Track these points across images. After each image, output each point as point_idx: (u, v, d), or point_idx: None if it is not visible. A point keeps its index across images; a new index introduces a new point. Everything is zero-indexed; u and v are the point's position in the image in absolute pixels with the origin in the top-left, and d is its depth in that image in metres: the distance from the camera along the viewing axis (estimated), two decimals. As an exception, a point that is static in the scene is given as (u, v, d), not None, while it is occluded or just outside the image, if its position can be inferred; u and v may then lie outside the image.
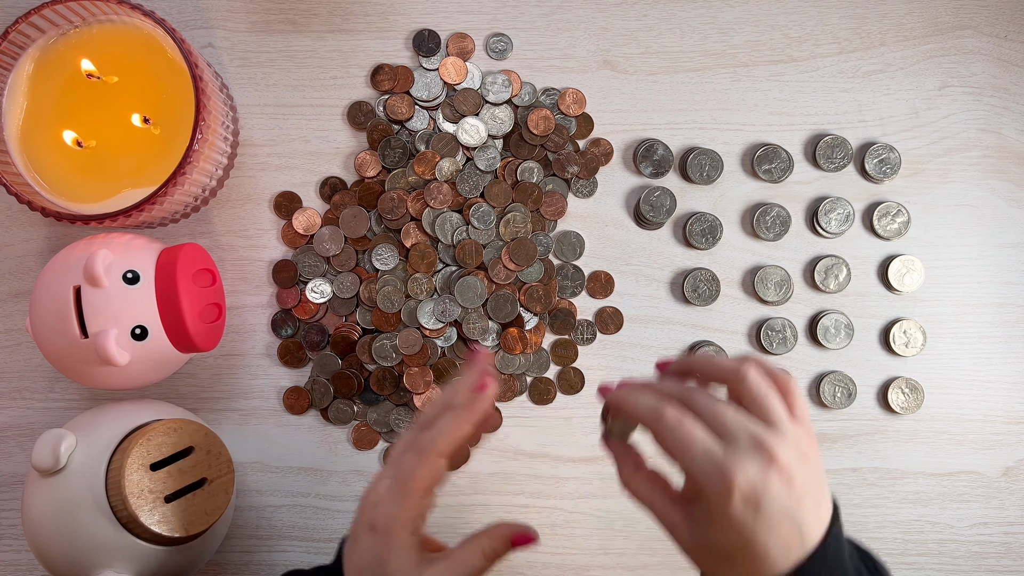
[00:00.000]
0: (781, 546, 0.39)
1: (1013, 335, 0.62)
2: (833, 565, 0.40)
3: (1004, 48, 0.63)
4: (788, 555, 0.39)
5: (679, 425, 0.40)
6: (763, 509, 0.38)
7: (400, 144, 0.60)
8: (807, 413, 0.42)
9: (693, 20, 0.62)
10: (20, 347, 0.60)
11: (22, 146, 0.54)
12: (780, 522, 0.38)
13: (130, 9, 0.53)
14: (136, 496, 0.48)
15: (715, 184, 0.62)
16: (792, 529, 0.39)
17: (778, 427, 0.40)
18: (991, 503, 0.61)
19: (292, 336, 0.60)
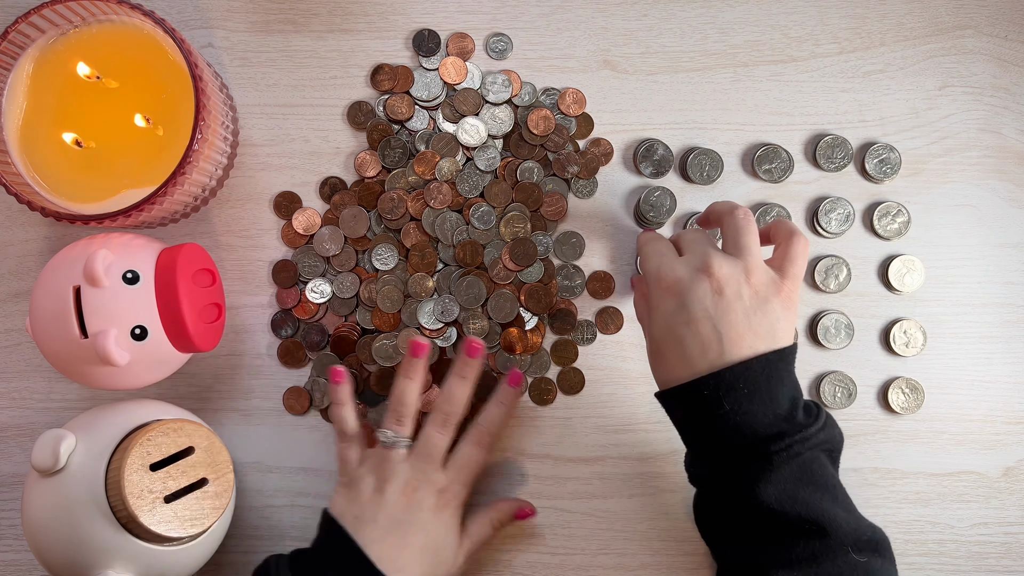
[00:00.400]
0: (698, 345, 0.45)
1: (1013, 335, 0.62)
2: (754, 384, 0.44)
3: (1004, 48, 0.63)
4: (705, 356, 0.45)
5: (653, 242, 0.51)
6: (685, 304, 0.46)
7: (400, 144, 0.60)
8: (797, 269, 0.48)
9: (693, 20, 0.62)
10: (20, 347, 0.60)
11: (22, 146, 0.54)
12: (699, 322, 0.45)
13: (130, 9, 0.53)
14: (136, 496, 0.48)
15: (715, 184, 0.62)
16: (711, 333, 0.45)
17: (742, 255, 0.47)
18: (991, 503, 0.61)
19: (292, 336, 0.60)
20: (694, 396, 0.45)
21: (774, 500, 0.44)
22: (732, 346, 0.45)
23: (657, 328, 0.48)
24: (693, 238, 0.50)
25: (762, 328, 0.46)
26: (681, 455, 0.61)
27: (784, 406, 0.45)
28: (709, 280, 0.46)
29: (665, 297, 0.47)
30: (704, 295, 0.46)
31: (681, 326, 0.46)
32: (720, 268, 0.46)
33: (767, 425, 0.44)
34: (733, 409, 0.44)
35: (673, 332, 0.46)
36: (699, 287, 0.46)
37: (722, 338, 0.45)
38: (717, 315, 0.45)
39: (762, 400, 0.45)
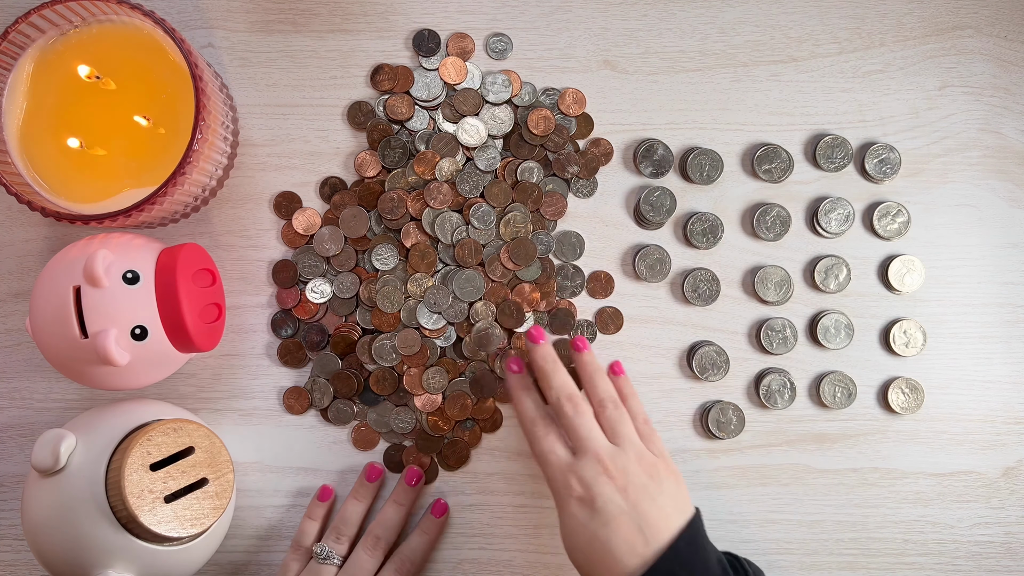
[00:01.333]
0: (624, 544, 0.46)
1: (1013, 335, 0.62)
2: (689, 563, 0.46)
3: (1004, 48, 0.63)
4: (633, 552, 0.46)
5: (544, 439, 0.51)
6: (598, 509, 0.47)
7: (400, 144, 0.60)
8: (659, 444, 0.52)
9: (693, 20, 0.62)
10: (20, 347, 0.60)
11: (22, 146, 0.54)
12: (617, 520, 0.47)
13: (130, 9, 0.53)
14: (136, 496, 0.48)
15: (715, 184, 0.62)
16: (632, 528, 0.46)
17: (623, 445, 0.50)
18: (991, 503, 0.61)
19: (292, 336, 0.60)
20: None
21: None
22: (654, 533, 0.47)
23: (575, 537, 0.48)
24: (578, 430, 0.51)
25: (670, 506, 0.48)
26: (682, 454, 0.61)
27: (718, 573, 0.47)
28: (611, 479, 0.48)
29: (574, 503, 0.48)
30: (612, 494, 0.48)
31: (600, 529, 0.47)
32: (615, 463, 0.49)
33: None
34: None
35: (595, 538, 0.47)
36: (605, 487, 0.48)
37: (643, 529, 0.47)
38: (631, 508, 0.47)
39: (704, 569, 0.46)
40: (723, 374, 0.61)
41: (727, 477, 0.61)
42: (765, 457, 0.61)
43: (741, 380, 0.61)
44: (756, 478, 0.61)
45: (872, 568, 0.61)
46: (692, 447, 0.61)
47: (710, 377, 0.60)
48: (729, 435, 0.60)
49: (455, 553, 0.60)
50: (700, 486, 0.61)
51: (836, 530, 0.61)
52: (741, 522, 0.61)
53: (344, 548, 0.57)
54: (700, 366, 0.60)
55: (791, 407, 0.61)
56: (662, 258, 0.61)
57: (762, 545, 0.61)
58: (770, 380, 0.60)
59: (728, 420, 0.60)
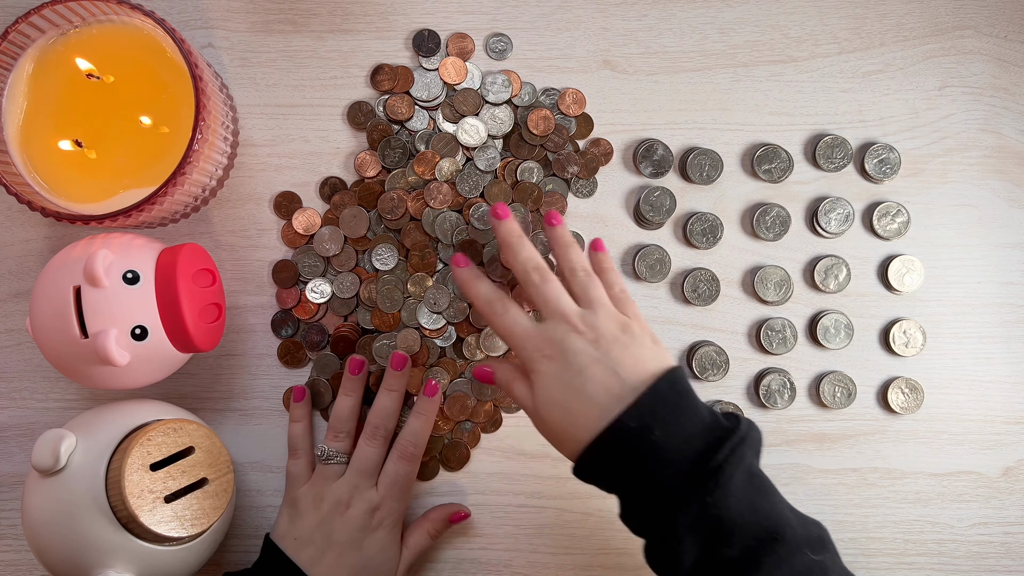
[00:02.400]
0: (598, 387, 0.45)
1: (1013, 335, 0.62)
2: (673, 401, 0.44)
3: (1004, 48, 0.63)
4: (609, 392, 0.45)
5: (504, 314, 0.49)
6: (569, 361, 0.46)
7: (400, 144, 0.60)
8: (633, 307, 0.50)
9: (693, 20, 0.62)
10: (20, 347, 0.60)
11: (22, 146, 0.54)
12: (589, 368, 0.45)
13: (130, 9, 0.53)
14: (136, 496, 0.48)
15: (715, 184, 0.62)
16: (605, 372, 0.45)
17: (593, 306, 0.48)
18: (991, 503, 0.61)
19: (292, 336, 0.60)
20: (620, 438, 0.44)
21: (735, 514, 0.43)
22: (630, 374, 0.45)
23: (549, 392, 0.46)
24: (543, 295, 0.49)
25: (646, 354, 0.47)
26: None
27: (706, 417, 0.45)
28: (581, 334, 0.47)
29: (545, 361, 0.47)
30: (583, 345, 0.46)
31: (574, 378, 0.45)
32: (584, 320, 0.48)
33: (701, 437, 0.44)
34: (664, 433, 0.43)
35: (569, 387, 0.45)
36: (575, 341, 0.46)
37: (618, 371, 0.45)
38: (603, 356, 0.46)
39: (687, 415, 0.44)
40: (723, 374, 0.61)
41: (727, 477, 0.61)
42: (765, 457, 0.60)
43: (741, 380, 0.61)
44: (756, 478, 0.61)
45: (872, 568, 0.61)
46: (692, 447, 0.61)
47: (710, 377, 0.60)
48: (729, 435, 0.60)
49: (455, 553, 0.60)
50: (700, 486, 0.61)
51: (836, 530, 0.60)
52: (741, 522, 0.61)
53: (345, 444, 0.56)
54: (700, 366, 0.60)
55: (791, 407, 0.61)
56: (662, 258, 0.61)
57: (762, 545, 0.61)
58: (770, 380, 0.60)
59: (728, 420, 0.60)
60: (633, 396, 0.44)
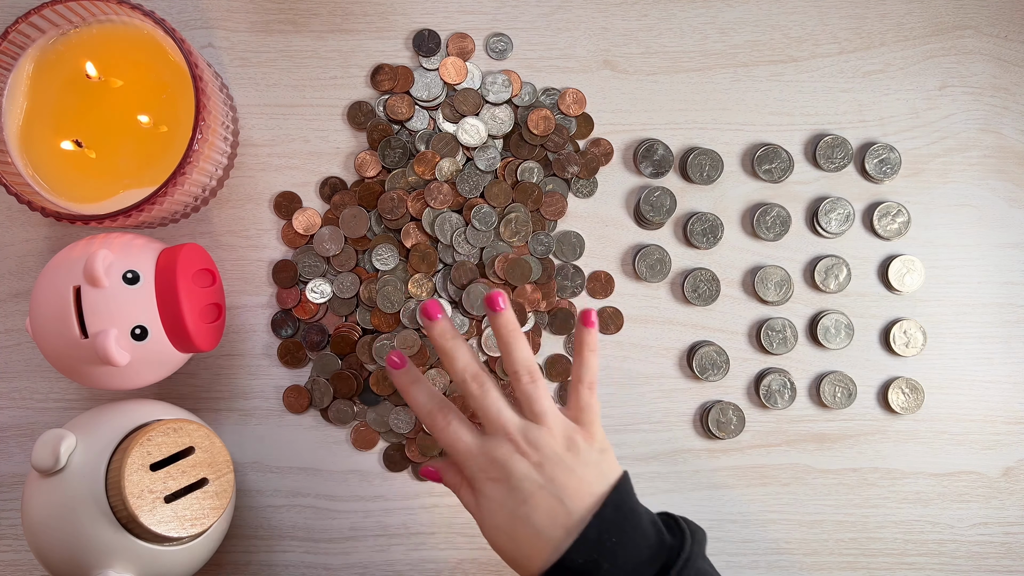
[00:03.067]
0: (545, 518, 0.44)
1: (1013, 335, 0.62)
2: (618, 527, 0.44)
3: (1004, 48, 0.63)
4: (555, 523, 0.44)
5: (446, 428, 0.48)
6: (514, 487, 0.45)
7: (400, 144, 0.60)
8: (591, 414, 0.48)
9: (693, 20, 0.62)
10: (20, 347, 0.60)
11: (22, 146, 0.54)
12: (535, 496, 0.45)
13: (130, 9, 0.53)
14: (136, 496, 0.48)
15: (715, 184, 0.62)
16: (550, 500, 0.45)
17: (538, 419, 0.47)
18: (991, 503, 0.61)
19: (292, 336, 0.60)
20: (566, 570, 0.44)
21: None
22: (576, 502, 0.45)
23: (495, 518, 0.46)
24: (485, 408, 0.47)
25: (591, 474, 0.46)
26: (682, 454, 0.61)
27: (651, 538, 0.45)
28: (524, 456, 0.46)
29: (489, 484, 0.46)
30: (527, 470, 0.45)
31: (520, 506, 0.45)
32: (527, 438, 0.46)
33: (648, 563, 0.43)
34: (613, 565, 0.43)
35: (515, 515, 0.45)
36: (519, 465, 0.45)
37: (563, 499, 0.45)
38: (547, 482, 0.45)
39: (633, 541, 0.44)
40: (723, 374, 0.61)
41: (727, 477, 0.61)
42: (765, 457, 0.61)
43: (741, 380, 0.61)
44: (756, 478, 0.61)
45: (872, 568, 0.61)
46: (692, 447, 0.61)
47: (710, 377, 0.60)
48: (729, 435, 0.60)
49: (455, 553, 0.60)
50: (700, 486, 0.61)
51: (836, 530, 0.61)
52: (741, 522, 0.61)
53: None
54: (700, 366, 0.60)
55: (791, 407, 0.61)
56: (662, 258, 0.61)
57: (762, 545, 0.61)
58: (770, 380, 0.60)
59: (728, 420, 0.60)
60: (580, 528, 0.44)
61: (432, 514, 0.60)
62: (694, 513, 0.60)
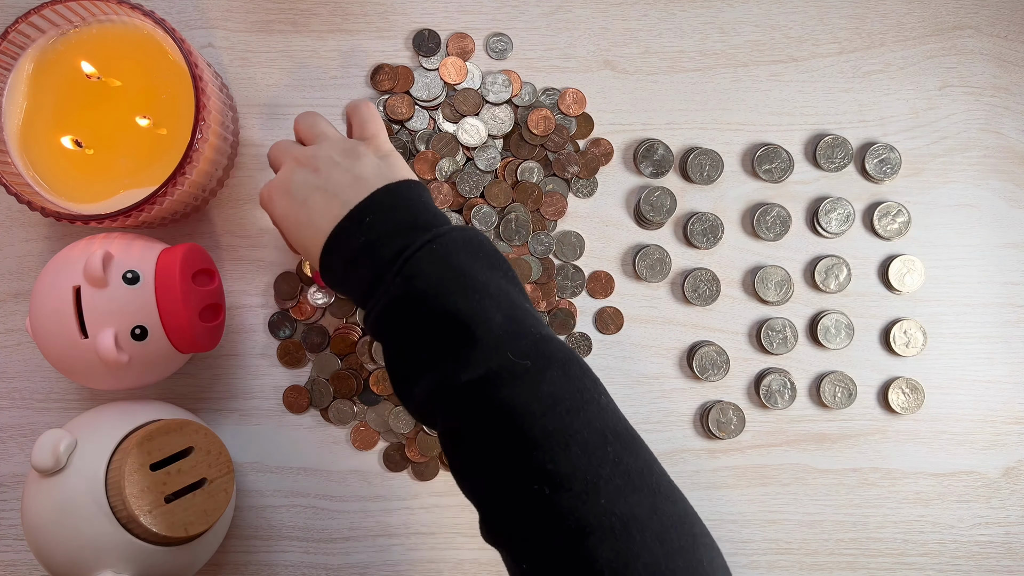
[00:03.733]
0: (321, 213, 0.46)
1: (1014, 335, 0.62)
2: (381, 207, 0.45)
3: (1004, 48, 0.63)
4: (328, 215, 0.45)
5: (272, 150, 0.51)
6: (293, 193, 0.47)
7: (400, 144, 0.60)
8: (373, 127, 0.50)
9: (693, 20, 0.62)
10: (20, 347, 0.60)
11: (22, 146, 0.54)
12: (311, 196, 0.46)
13: (130, 9, 0.53)
14: (136, 496, 0.48)
15: (715, 184, 0.62)
16: (324, 198, 0.46)
17: (318, 140, 0.49)
18: (992, 503, 0.61)
19: (290, 337, 0.60)
20: (334, 247, 0.45)
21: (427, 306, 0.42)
22: (351, 195, 0.45)
23: (287, 229, 0.48)
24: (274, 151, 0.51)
25: (369, 171, 0.47)
26: (682, 454, 0.61)
27: (422, 220, 0.45)
28: (299, 166, 0.48)
29: (276, 201, 0.48)
30: (304, 176, 0.47)
31: (300, 210, 0.47)
32: (303, 152, 0.48)
33: (402, 235, 0.44)
34: (368, 238, 0.44)
35: (299, 220, 0.47)
36: (296, 174, 0.48)
37: (338, 195, 0.46)
38: (323, 182, 0.46)
39: (395, 218, 0.44)
40: (723, 374, 0.61)
41: (727, 477, 0.61)
42: (765, 457, 0.61)
43: (741, 380, 0.61)
44: (756, 478, 0.61)
45: (872, 568, 0.61)
46: (692, 447, 0.61)
47: (710, 377, 0.60)
48: (729, 435, 0.60)
49: (455, 553, 0.60)
50: (700, 486, 0.61)
51: (836, 530, 0.61)
52: (741, 522, 0.61)
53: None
54: (700, 366, 0.60)
55: (791, 407, 0.61)
56: (662, 258, 0.61)
57: (762, 545, 0.61)
58: (770, 380, 0.60)
59: (728, 420, 0.60)
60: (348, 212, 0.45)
61: (432, 514, 0.60)
62: (694, 513, 0.60)
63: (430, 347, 0.42)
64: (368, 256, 0.44)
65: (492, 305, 0.41)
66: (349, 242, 0.45)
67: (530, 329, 0.42)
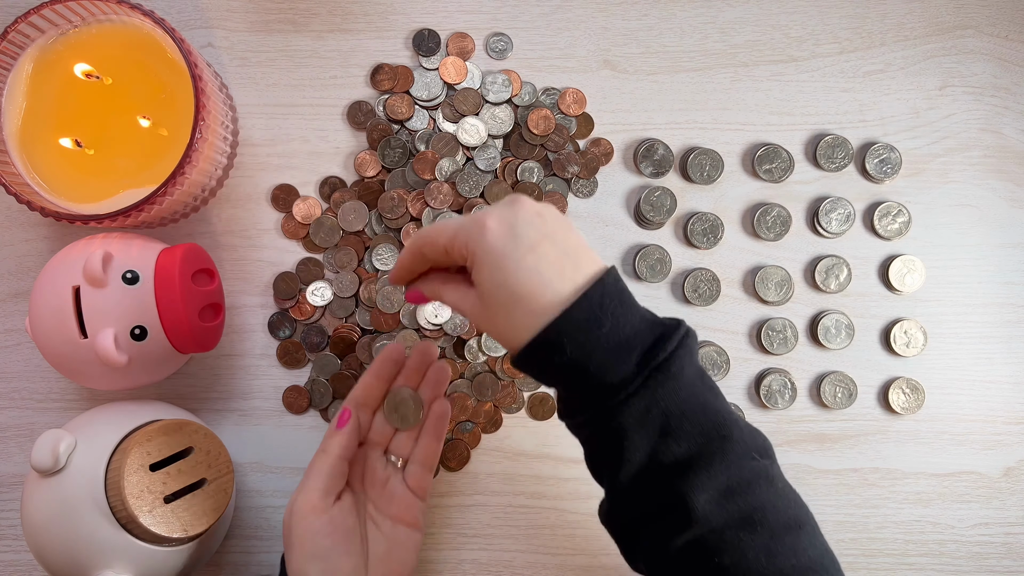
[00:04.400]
0: (552, 268, 0.40)
1: (1014, 335, 0.62)
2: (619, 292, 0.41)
3: (1005, 48, 0.63)
4: (563, 276, 0.40)
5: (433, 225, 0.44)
6: (519, 233, 0.40)
7: (400, 144, 0.60)
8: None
9: (693, 20, 0.62)
10: (20, 347, 0.60)
11: (22, 146, 0.54)
12: (541, 243, 0.40)
13: (130, 9, 0.53)
14: (136, 496, 0.48)
15: (715, 184, 0.62)
16: (555, 251, 0.40)
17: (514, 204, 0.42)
18: (992, 503, 0.61)
19: (290, 337, 0.60)
20: (573, 323, 0.40)
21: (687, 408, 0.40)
22: (581, 260, 0.41)
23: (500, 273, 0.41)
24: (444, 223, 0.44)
25: (583, 243, 0.42)
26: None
27: (648, 314, 0.42)
28: (525, 209, 0.42)
29: (491, 238, 0.41)
30: (532, 220, 0.41)
31: (527, 255, 0.40)
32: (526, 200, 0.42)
33: (649, 331, 0.41)
34: (615, 323, 0.40)
35: (521, 264, 0.40)
36: (522, 211, 0.41)
37: (567, 254, 0.41)
38: (551, 232, 0.41)
39: (632, 310, 0.41)
40: (723, 374, 0.60)
41: (727, 477, 0.61)
42: (765, 457, 0.61)
43: (742, 380, 0.61)
44: (756, 478, 0.61)
45: (873, 568, 0.61)
46: (692, 447, 0.61)
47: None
48: (729, 435, 0.60)
49: (455, 553, 0.60)
50: (700, 486, 0.61)
51: (836, 530, 0.61)
52: (741, 522, 0.61)
53: None
54: (700, 366, 0.60)
55: (791, 407, 0.61)
56: (662, 258, 0.61)
57: (762, 545, 0.61)
58: (771, 380, 0.60)
59: (728, 420, 0.60)
60: (585, 283, 0.40)
61: (432, 514, 0.60)
62: (694, 513, 0.60)
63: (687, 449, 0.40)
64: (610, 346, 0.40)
65: (725, 403, 0.42)
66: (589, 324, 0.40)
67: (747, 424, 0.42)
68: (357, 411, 0.51)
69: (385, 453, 0.52)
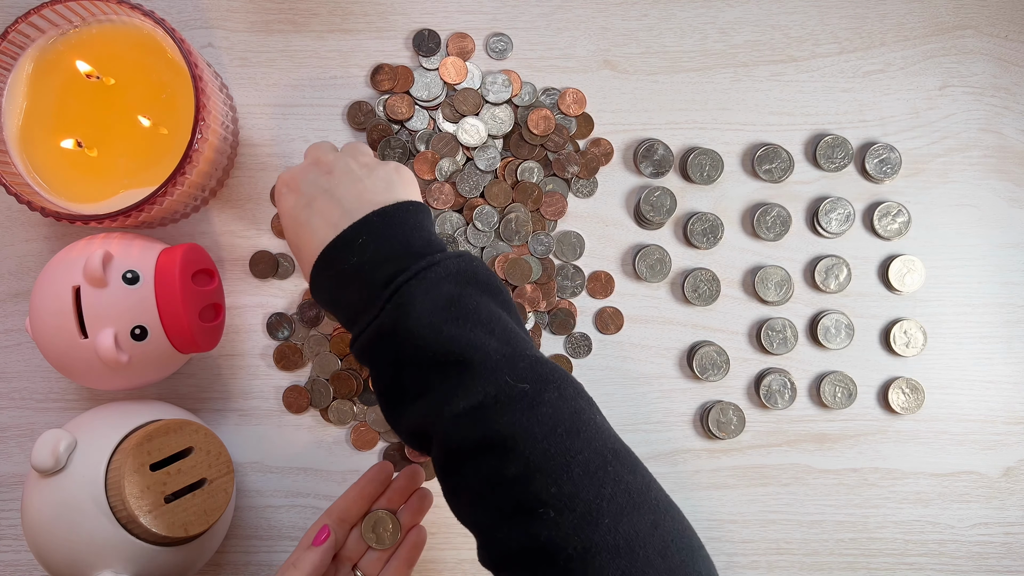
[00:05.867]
0: (322, 218, 0.45)
1: (1014, 335, 0.62)
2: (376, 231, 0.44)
3: (1005, 48, 0.63)
4: (329, 223, 0.45)
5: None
6: (302, 190, 0.47)
7: (400, 144, 0.60)
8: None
9: (693, 20, 0.62)
10: (20, 347, 0.60)
11: (22, 146, 0.54)
12: (317, 199, 0.46)
13: (130, 9, 0.53)
14: (136, 496, 0.48)
15: (715, 184, 0.62)
16: (329, 203, 0.46)
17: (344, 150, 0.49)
18: (992, 503, 0.61)
19: (287, 339, 0.60)
20: (326, 263, 0.44)
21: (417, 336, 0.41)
22: (353, 206, 0.45)
23: (287, 226, 0.48)
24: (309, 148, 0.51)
25: (378, 187, 0.46)
26: (682, 454, 0.61)
27: (416, 246, 0.44)
28: (318, 167, 0.48)
29: (285, 196, 0.48)
30: (315, 177, 0.47)
31: (303, 210, 0.46)
32: (327, 156, 0.48)
33: (394, 263, 0.43)
34: (360, 260, 0.43)
35: (299, 219, 0.46)
36: (309, 173, 0.48)
37: (341, 202, 0.45)
38: (331, 187, 0.46)
39: (388, 244, 0.44)
40: (723, 374, 0.60)
41: (727, 477, 0.61)
42: (765, 457, 0.61)
43: (741, 380, 0.61)
44: (756, 478, 0.61)
45: (872, 568, 0.61)
46: (692, 447, 0.61)
47: (710, 377, 0.60)
48: (729, 435, 0.60)
49: (455, 553, 0.60)
50: (700, 486, 0.61)
51: (836, 530, 0.61)
52: (741, 522, 0.61)
53: None
54: (700, 366, 0.60)
55: (791, 407, 0.61)
56: (662, 258, 0.61)
57: (762, 545, 0.61)
58: (770, 380, 0.60)
59: (728, 420, 0.60)
60: (349, 224, 0.44)
61: (432, 514, 0.60)
62: (694, 513, 0.60)
63: (423, 376, 0.42)
64: (359, 278, 0.43)
65: (484, 331, 0.41)
66: (341, 260, 0.44)
67: (524, 352, 0.41)
68: (335, 528, 0.51)
69: (353, 569, 0.52)
